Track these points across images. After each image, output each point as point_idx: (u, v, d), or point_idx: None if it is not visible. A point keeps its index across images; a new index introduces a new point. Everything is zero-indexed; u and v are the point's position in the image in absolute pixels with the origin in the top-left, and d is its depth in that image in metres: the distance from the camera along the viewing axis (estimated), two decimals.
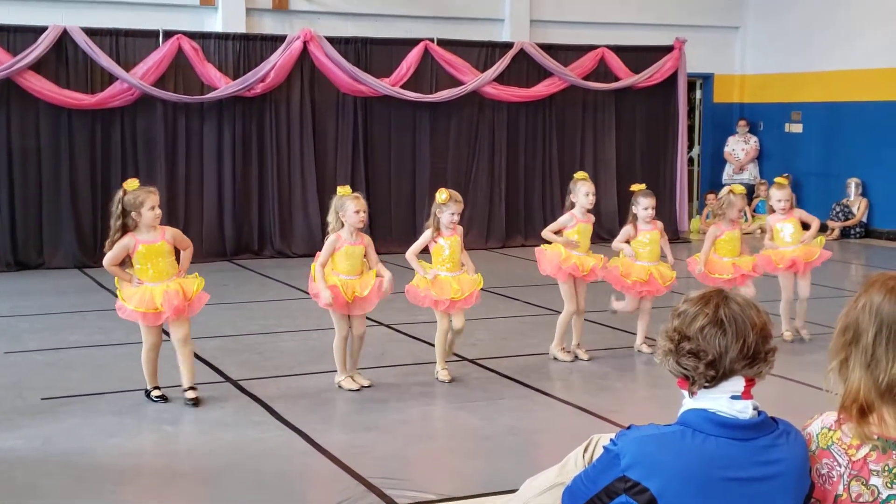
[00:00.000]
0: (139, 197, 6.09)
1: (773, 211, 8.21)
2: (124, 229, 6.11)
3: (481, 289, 6.92)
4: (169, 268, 6.20)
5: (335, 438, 5.65)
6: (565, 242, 7.33)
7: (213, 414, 6.07)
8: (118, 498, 4.84)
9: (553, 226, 7.51)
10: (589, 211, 7.47)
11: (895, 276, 2.45)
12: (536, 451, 5.56)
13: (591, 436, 3.34)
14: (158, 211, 6.16)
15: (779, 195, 8.06)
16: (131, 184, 6.18)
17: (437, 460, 5.56)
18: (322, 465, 5.24)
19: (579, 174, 7.61)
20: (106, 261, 6.16)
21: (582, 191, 7.39)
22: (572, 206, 7.44)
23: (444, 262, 6.79)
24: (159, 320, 6.14)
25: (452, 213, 6.74)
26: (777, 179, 8.38)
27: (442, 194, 6.78)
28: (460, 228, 6.88)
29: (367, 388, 6.58)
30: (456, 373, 6.92)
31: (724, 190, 7.96)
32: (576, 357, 7.42)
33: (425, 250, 6.85)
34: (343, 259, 6.49)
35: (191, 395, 6.24)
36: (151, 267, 6.13)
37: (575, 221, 7.40)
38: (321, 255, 6.53)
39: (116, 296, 6.31)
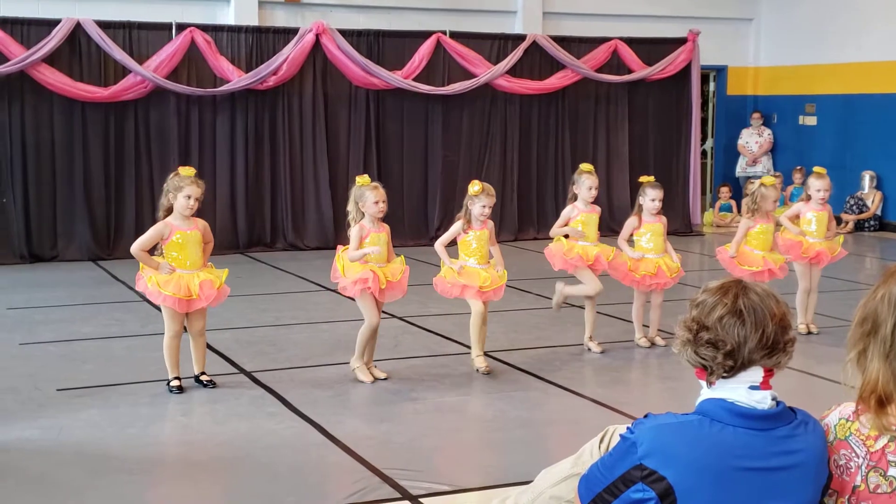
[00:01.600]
0: (180, 183, 6.19)
1: (808, 199, 8.17)
2: (166, 211, 6.24)
3: None
4: (198, 258, 6.27)
5: (349, 430, 5.66)
6: (573, 233, 7.35)
7: (228, 405, 6.09)
8: (133, 488, 4.86)
9: (558, 222, 7.52)
10: (592, 202, 7.46)
11: None
12: (549, 443, 5.56)
13: (606, 427, 3.34)
14: (193, 203, 6.21)
15: (818, 185, 8.02)
16: (185, 169, 6.30)
17: (451, 451, 5.56)
18: (336, 457, 5.25)
19: (584, 166, 7.59)
20: (135, 246, 6.22)
21: (585, 184, 7.38)
22: (574, 197, 7.45)
23: (471, 254, 6.78)
24: (191, 307, 6.22)
25: (484, 206, 6.70)
26: (816, 169, 8.27)
27: (475, 186, 6.75)
28: (491, 223, 6.85)
29: (382, 381, 6.59)
30: (467, 366, 6.92)
31: (755, 183, 7.83)
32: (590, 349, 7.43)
33: (452, 242, 6.85)
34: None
35: (206, 378, 6.44)
36: (180, 254, 6.20)
37: (577, 212, 7.41)
38: (350, 248, 6.48)
39: (134, 285, 6.33)
